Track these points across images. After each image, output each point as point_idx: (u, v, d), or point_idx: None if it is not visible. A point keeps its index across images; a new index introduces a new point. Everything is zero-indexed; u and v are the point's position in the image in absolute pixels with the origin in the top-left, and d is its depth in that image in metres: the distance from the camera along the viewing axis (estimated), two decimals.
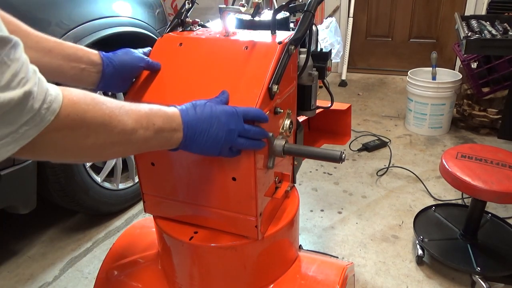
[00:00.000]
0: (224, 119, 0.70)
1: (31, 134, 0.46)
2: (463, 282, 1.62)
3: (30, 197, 1.59)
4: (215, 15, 1.01)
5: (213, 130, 0.69)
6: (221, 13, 0.88)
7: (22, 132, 0.45)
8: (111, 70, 0.82)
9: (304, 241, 1.88)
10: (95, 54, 0.81)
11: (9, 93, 0.42)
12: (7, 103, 0.42)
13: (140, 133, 0.62)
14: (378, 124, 3.06)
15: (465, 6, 3.65)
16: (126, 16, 1.94)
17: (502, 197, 1.44)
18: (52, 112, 0.48)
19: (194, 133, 0.69)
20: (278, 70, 0.78)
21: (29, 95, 0.44)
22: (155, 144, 0.66)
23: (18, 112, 0.44)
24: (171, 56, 0.86)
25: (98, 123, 0.55)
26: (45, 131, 0.48)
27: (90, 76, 0.80)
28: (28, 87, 0.44)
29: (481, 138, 2.80)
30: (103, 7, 1.83)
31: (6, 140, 0.44)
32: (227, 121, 0.70)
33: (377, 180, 2.35)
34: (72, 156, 0.57)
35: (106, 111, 0.57)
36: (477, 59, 2.61)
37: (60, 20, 1.61)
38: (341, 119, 1.31)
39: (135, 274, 1.04)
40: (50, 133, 0.49)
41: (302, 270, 1.00)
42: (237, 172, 0.79)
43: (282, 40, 0.81)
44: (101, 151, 0.59)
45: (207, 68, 0.83)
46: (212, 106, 0.71)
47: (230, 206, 0.85)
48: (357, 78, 4.07)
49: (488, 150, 1.67)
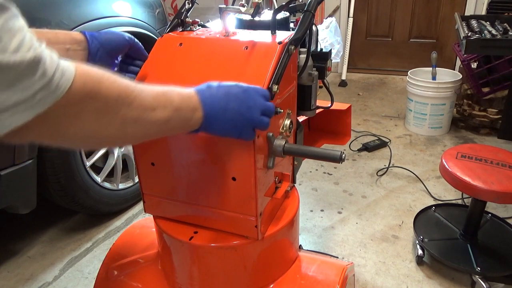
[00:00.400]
0: (242, 95, 0.70)
1: (48, 102, 0.46)
2: (463, 282, 1.62)
3: (30, 197, 1.59)
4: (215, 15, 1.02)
5: (232, 107, 0.68)
6: (221, 13, 0.88)
7: (39, 99, 0.45)
8: (97, 45, 0.80)
9: (304, 241, 1.88)
10: (78, 33, 0.80)
11: (19, 54, 0.42)
12: (18, 64, 0.42)
13: (159, 111, 0.60)
14: (378, 124, 3.06)
15: (465, 6, 3.65)
16: (126, 16, 1.94)
17: (502, 197, 1.44)
18: (67, 79, 0.48)
19: (213, 111, 0.67)
20: (278, 70, 0.78)
21: (39, 60, 0.44)
22: (176, 125, 0.64)
23: (30, 76, 0.43)
24: (171, 56, 0.86)
25: (115, 96, 0.54)
26: (63, 102, 0.47)
27: (76, 55, 0.78)
28: (38, 52, 0.44)
29: (481, 138, 2.80)
30: (103, 7, 1.83)
31: (22, 106, 0.43)
32: (245, 97, 0.70)
33: (377, 180, 2.35)
34: (94, 135, 0.55)
35: (122, 85, 0.56)
36: (477, 59, 2.61)
37: (60, 20, 1.61)
38: (341, 119, 1.31)
39: (135, 274, 1.04)
40: (68, 107, 0.49)
41: (302, 270, 1.00)
42: (237, 172, 0.79)
43: (282, 40, 0.81)
44: (121, 128, 0.56)
45: (207, 68, 0.83)
46: (226, 84, 0.71)
47: (230, 206, 0.85)
48: (357, 78, 4.07)
49: (488, 150, 1.67)
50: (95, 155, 1.88)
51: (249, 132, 0.71)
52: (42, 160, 1.61)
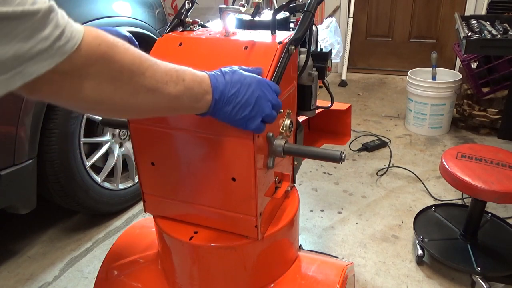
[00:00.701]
0: (255, 85, 0.70)
1: (66, 51, 0.48)
2: (463, 282, 1.62)
3: (30, 197, 1.59)
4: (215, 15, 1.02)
5: (243, 95, 0.69)
6: (221, 13, 0.88)
7: (57, 48, 0.47)
8: None
9: (304, 241, 1.88)
10: None
11: (36, 6, 0.45)
12: (36, 13, 0.45)
13: (171, 85, 0.61)
14: (378, 124, 3.06)
15: (465, 6, 3.65)
16: (126, 16, 1.94)
17: (502, 197, 1.44)
18: (79, 31, 0.50)
19: (223, 97, 0.68)
20: (278, 70, 0.78)
21: (53, 9, 0.48)
22: (186, 103, 0.65)
23: (47, 24, 0.46)
24: (171, 56, 0.86)
25: (129, 62, 0.55)
26: (78, 59, 0.50)
27: None
28: (51, 4, 0.48)
29: (481, 138, 2.80)
30: (103, 7, 1.83)
31: (44, 54, 0.47)
32: (258, 88, 0.70)
33: (377, 180, 2.35)
34: (107, 99, 0.56)
35: (135, 53, 0.57)
36: (477, 59, 2.61)
37: None
38: (341, 119, 1.31)
39: (135, 274, 1.04)
40: (85, 66, 0.51)
41: (302, 270, 1.00)
42: (236, 172, 0.79)
43: (282, 40, 0.81)
44: (134, 95, 0.58)
45: (207, 68, 0.83)
46: (241, 73, 0.71)
47: (230, 206, 0.85)
48: (357, 78, 4.07)
49: (488, 150, 1.67)
50: (95, 155, 1.88)
51: (257, 124, 0.71)
52: (42, 160, 1.61)
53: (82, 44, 0.50)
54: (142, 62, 0.57)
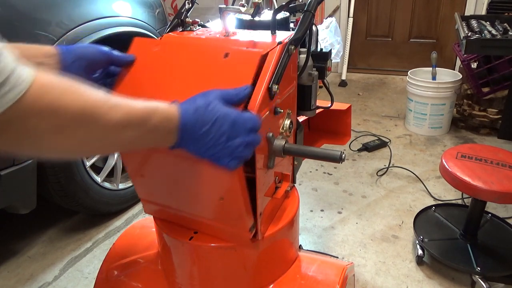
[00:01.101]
0: (226, 127, 0.65)
1: (7, 101, 0.45)
2: (463, 282, 1.62)
3: (30, 197, 1.59)
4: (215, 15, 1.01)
5: (211, 137, 0.65)
6: (221, 13, 0.88)
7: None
8: (71, 59, 0.75)
9: (304, 241, 1.88)
10: (51, 47, 0.75)
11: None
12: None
13: (130, 130, 0.57)
14: (378, 124, 3.06)
15: (465, 6, 3.65)
16: (126, 16, 1.94)
17: (502, 197, 1.44)
18: (26, 79, 0.46)
19: (191, 136, 0.65)
20: (278, 70, 0.78)
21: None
22: (144, 144, 0.62)
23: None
24: (142, 65, 0.82)
25: (78, 111, 0.51)
26: (17, 112, 0.46)
27: (49, 69, 0.73)
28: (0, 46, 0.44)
29: (481, 138, 2.80)
30: (103, 7, 1.83)
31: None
32: (229, 129, 0.66)
33: (377, 180, 2.35)
34: (52, 149, 0.53)
35: (90, 99, 0.52)
36: (477, 59, 2.61)
37: (60, 20, 1.61)
38: (341, 119, 1.31)
39: (135, 274, 1.04)
40: (24, 119, 0.47)
41: (302, 270, 1.00)
42: (224, 192, 0.78)
43: (282, 40, 0.81)
44: (82, 145, 0.54)
45: (201, 68, 0.79)
46: (215, 109, 0.66)
47: (222, 220, 0.84)
48: (357, 78, 4.07)
49: (488, 150, 1.67)
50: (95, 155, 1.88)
51: (227, 163, 0.67)
52: (42, 160, 1.61)
53: (27, 93, 0.46)
54: (96, 109, 0.52)
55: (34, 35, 1.50)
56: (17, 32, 1.45)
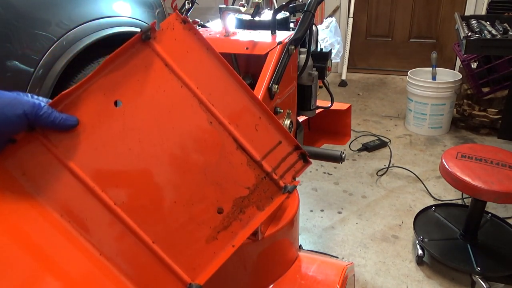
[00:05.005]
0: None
1: None
2: (463, 282, 1.62)
3: None
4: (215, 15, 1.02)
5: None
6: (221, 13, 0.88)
7: None
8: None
9: (304, 241, 1.88)
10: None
11: None
12: None
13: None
14: (378, 124, 3.06)
15: (465, 6, 3.65)
16: (126, 16, 1.94)
17: (502, 197, 1.44)
18: None
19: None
20: (278, 70, 0.78)
21: None
22: None
23: None
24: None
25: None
26: None
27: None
28: None
29: (481, 138, 2.80)
30: (103, 7, 1.83)
31: None
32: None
33: (377, 180, 2.35)
34: None
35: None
36: (477, 59, 2.61)
37: (60, 20, 1.61)
38: (341, 119, 1.31)
39: None
40: None
41: (302, 270, 1.00)
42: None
43: (282, 40, 0.81)
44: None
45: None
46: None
47: None
48: (357, 78, 4.07)
49: (488, 150, 1.67)
50: None
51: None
52: None
53: None
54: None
55: (34, 35, 1.50)
56: (17, 32, 1.45)
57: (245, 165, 0.67)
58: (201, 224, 0.65)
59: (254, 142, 0.67)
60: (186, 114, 0.65)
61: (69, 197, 0.61)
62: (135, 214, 0.62)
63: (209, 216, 0.65)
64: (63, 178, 0.61)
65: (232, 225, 0.66)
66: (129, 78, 0.64)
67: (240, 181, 0.67)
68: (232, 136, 0.66)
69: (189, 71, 0.65)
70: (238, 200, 0.66)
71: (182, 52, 0.65)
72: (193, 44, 0.66)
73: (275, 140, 0.69)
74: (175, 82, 0.65)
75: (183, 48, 0.65)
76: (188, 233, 0.64)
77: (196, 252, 0.64)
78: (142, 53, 0.64)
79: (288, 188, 0.68)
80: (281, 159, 0.69)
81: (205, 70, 0.66)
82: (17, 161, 0.60)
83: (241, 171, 0.67)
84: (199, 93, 0.65)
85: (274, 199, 0.68)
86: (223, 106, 0.66)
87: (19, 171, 0.60)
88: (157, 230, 0.63)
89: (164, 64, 0.64)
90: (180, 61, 0.65)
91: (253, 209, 0.67)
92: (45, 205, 0.60)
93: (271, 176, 0.68)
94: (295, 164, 0.70)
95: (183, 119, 0.65)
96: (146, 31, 0.63)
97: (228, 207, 0.66)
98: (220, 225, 0.65)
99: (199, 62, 0.66)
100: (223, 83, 0.67)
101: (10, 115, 0.55)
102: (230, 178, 0.66)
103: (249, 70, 0.92)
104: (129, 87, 0.64)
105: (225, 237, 0.65)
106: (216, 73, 0.66)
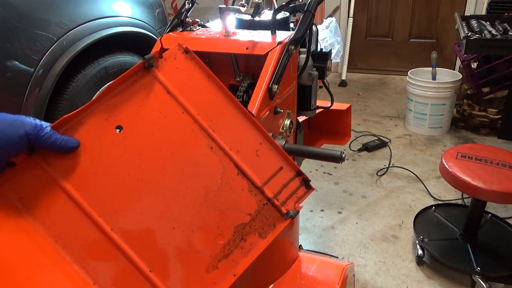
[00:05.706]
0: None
1: None
2: (463, 282, 1.62)
3: None
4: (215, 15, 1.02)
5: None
6: (221, 13, 0.88)
7: None
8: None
9: (304, 241, 1.88)
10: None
11: None
12: None
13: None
14: (378, 124, 3.06)
15: (465, 6, 3.65)
16: (126, 16, 1.94)
17: (502, 197, 1.44)
18: None
19: None
20: (278, 70, 0.78)
21: None
22: None
23: None
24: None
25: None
26: None
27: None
28: None
29: (481, 138, 2.80)
30: (103, 7, 1.83)
31: None
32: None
33: (377, 180, 2.35)
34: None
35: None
36: (477, 59, 2.61)
37: (60, 20, 1.61)
38: (341, 119, 1.31)
39: None
40: None
41: (302, 270, 1.00)
42: None
43: (282, 40, 0.81)
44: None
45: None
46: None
47: None
48: (357, 78, 4.07)
49: (488, 150, 1.67)
50: None
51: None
52: None
53: None
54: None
55: (34, 35, 1.50)
56: (17, 32, 1.45)
57: (246, 191, 0.66)
58: (200, 252, 0.63)
59: (255, 167, 0.67)
60: (186, 140, 0.66)
61: (65, 222, 0.61)
62: (132, 240, 0.62)
63: (209, 243, 0.63)
64: (60, 202, 0.61)
65: (233, 253, 0.64)
66: (131, 104, 0.65)
67: (241, 207, 0.66)
68: (233, 162, 0.66)
69: (190, 98, 0.66)
70: (240, 226, 0.65)
71: (184, 80, 0.67)
72: (194, 73, 0.67)
73: (276, 165, 0.69)
74: (177, 108, 0.66)
75: (185, 76, 0.67)
76: (187, 262, 0.62)
77: (195, 282, 0.62)
78: (144, 80, 0.65)
79: (291, 214, 0.68)
80: (283, 185, 0.69)
81: (206, 97, 0.67)
82: (15, 185, 0.60)
83: (242, 197, 0.66)
84: (200, 119, 0.66)
85: (276, 226, 0.67)
86: (224, 132, 0.67)
87: (17, 195, 0.60)
88: (155, 258, 0.62)
89: (165, 91, 0.66)
90: (182, 88, 0.66)
91: (255, 237, 0.66)
92: (40, 230, 0.60)
93: (273, 202, 0.68)
94: (297, 190, 0.71)
95: (183, 144, 0.66)
96: (149, 60, 0.64)
97: (229, 234, 0.64)
98: (221, 253, 0.64)
99: (200, 90, 0.67)
100: (224, 110, 0.68)
101: (12, 135, 0.55)
102: (231, 204, 0.66)
103: (249, 70, 0.92)
104: (130, 113, 0.65)
105: (226, 266, 0.63)
106: (217, 100, 0.67)
